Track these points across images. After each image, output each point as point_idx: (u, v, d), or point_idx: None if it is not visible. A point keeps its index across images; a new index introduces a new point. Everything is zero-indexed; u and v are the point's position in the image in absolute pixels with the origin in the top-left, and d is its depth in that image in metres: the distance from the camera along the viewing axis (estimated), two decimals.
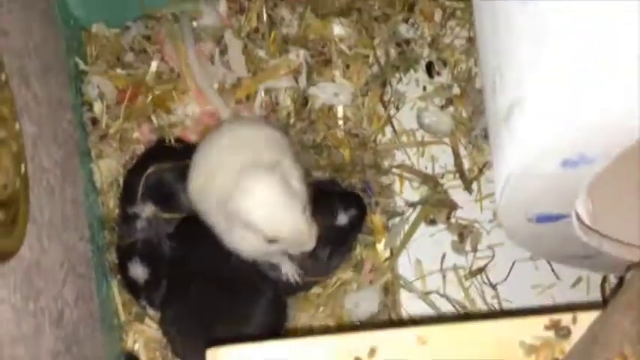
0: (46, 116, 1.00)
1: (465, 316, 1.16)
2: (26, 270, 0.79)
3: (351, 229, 1.15)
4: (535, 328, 0.77)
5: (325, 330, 1.15)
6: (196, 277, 1.09)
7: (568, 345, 0.76)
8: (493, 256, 1.19)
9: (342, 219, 1.13)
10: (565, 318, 0.77)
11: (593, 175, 0.66)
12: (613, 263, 0.92)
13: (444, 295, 1.17)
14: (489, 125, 0.70)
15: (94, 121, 1.22)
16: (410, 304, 1.18)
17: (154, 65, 1.26)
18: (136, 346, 1.15)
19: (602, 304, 1.15)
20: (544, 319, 0.77)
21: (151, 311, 1.15)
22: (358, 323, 1.17)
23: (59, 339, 0.85)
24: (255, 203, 0.93)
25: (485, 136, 1.22)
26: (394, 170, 1.25)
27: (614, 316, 0.71)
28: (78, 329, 0.94)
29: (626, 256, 0.89)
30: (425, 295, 1.18)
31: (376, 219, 1.22)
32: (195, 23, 1.30)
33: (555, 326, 0.77)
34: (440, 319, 1.15)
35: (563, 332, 0.76)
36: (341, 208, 1.13)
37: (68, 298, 0.92)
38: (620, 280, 1.05)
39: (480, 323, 0.78)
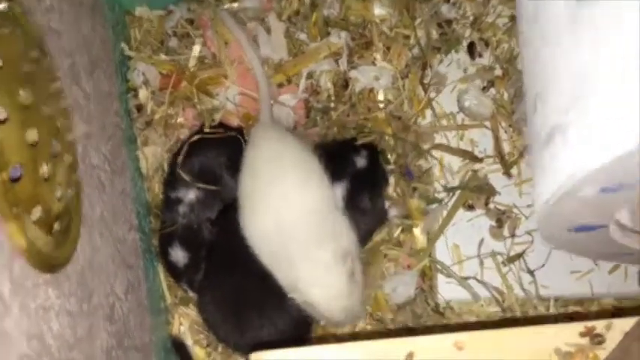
0: (95, 112, 1.03)
1: (502, 312, 1.17)
2: (80, 273, 0.83)
3: (373, 166, 1.18)
4: (570, 335, 0.79)
5: (364, 334, 1.18)
6: (234, 265, 1.12)
7: (602, 351, 0.77)
8: (532, 241, 1.20)
9: (360, 161, 1.17)
10: (599, 325, 0.79)
11: (633, 195, 0.67)
12: None
13: (481, 281, 1.18)
14: (530, 141, 0.71)
15: (139, 108, 1.25)
16: (447, 290, 1.19)
17: (196, 50, 1.28)
18: (182, 329, 1.20)
19: None
20: (579, 326, 0.79)
21: (192, 294, 1.19)
22: (396, 308, 1.19)
23: (111, 334, 0.90)
24: (321, 293, 1.01)
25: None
26: (434, 151, 1.26)
27: None
28: (128, 321, 0.98)
29: None
30: (462, 281, 1.19)
31: (414, 202, 1.23)
32: (235, 5, 1.31)
33: (590, 333, 0.78)
34: (477, 324, 1.16)
35: (598, 339, 0.78)
36: (354, 154, 1.18)
37: (118, 291, 0.96)
38: None
39: (516, 330, 0.80)
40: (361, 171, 1.17)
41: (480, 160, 1.24)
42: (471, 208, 1.22)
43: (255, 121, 1.24)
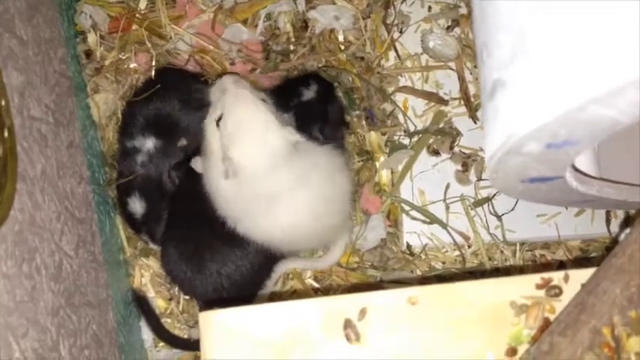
0: (34, 60, 0.98)
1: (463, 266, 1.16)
2: (18, 233, 0.79)
3: (323, 101, 1.14)
4: (526, 287, 0.76)
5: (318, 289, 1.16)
6: (196, 214, 1.09)
7: (559, 304, 0.75)
8: None
9: (308, 94, 1.14)
10: (557, 276, 0.77)
11: (581, 151, 0.63)
12: (614, 203, 0.90)
13: (446, 226, 1.16)
14: (481, 93, 0.67)
15: (88, 54, 1.20)
16: (413, 236, 1.17)
17: None
18: (143, 281, 1.17)
19: (607, 231, 1.16)
20: (535, 278, 0.77)
21: (153, 246, 1.16)
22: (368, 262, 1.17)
23: (58, 294, 0.87)
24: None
25: None
26: (398, 94, 1.21)
27: (603, 283, 0.70)
28: (79, 277, 0.95)
29: (628, 198, 0.87)
30: (428, 225, 1.17)
31: (374, 136, 1.20)
32: None
33: (546, 285, 0.76)
34: (435, 277, 1.15)
35: (554, 291, 0.75)
36: (302, 87, 1.14)
37: (66, 248, 0.93)
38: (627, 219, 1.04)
39: (470, 283, 0.77)
40: (309, 103, 1.13)
41: (446, 103, 1.20)
42: (436, 153, 1.19)
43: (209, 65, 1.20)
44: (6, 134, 0.78)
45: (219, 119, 0.99)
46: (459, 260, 1.17)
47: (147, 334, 1.17)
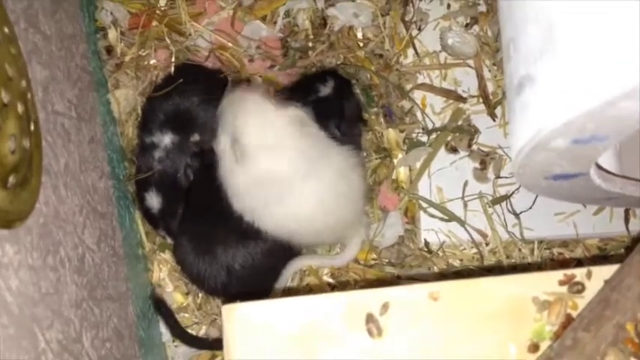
0: (57, 55, 0.98)
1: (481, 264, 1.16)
2: (43, 225, 0.80)
3: (340, 97, 1.15)
4: (548, 283, 0.77)
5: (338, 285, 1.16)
6: (210, 208, 1.09)
7: (581, 300, 0.75)
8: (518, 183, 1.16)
9: (325, 90, 1.14)
10: (579, 273, 0.77)
11: (608, 147, 0.63)
12: (637, 200, 0.90)
13: (464, 224, 1.16)
14: (506, 90, 0.67)
15: (109, 50, 1.20)
16: (430, 232, 1.17)
17: None
18: (161, 275, 1.18)
19: (626, 230, 1.16)
20: (558, 274, 0.77)
21: (170, 241, 1.16)
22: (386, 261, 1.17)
23: (81, 286, 0.87)
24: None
25: None
26: (416, 91, 1.22)
27: (627, 279, 0.70)
28: (101, 271, 0.96)
29: None
30: (445, 222, 1.17)
31: (392, 133, 1.20)
32: None
33: (569, 282, 0.76)
34: (455, 274, 1.15)
35: (577, 288, 0.76)
36: (319, 83, 1.15)
37: (89, 242, 0.94)
38: None
39: (493, 279, 0.78)
40: (325, 99, 1.13)
41: (465, 100, 1.20)
42: (454, 150, 1.19)
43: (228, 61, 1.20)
44: (32, 127, 0.79)
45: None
46: (476, 258, 1.17)
47: (165, 329, 1.18)
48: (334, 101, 1.14)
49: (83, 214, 0.94)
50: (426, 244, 1.17)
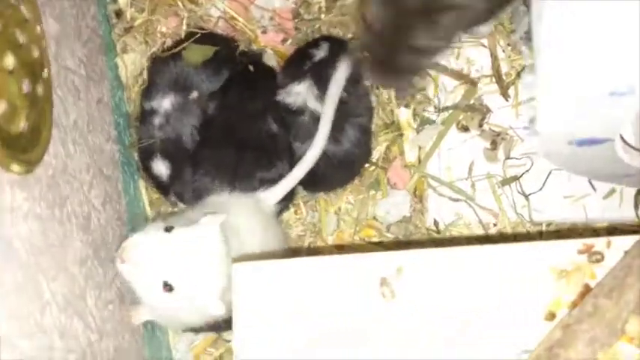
0: (69, 12, 0.97)
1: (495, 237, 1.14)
2: (51, 177, 0.78)
3: (336, 58, 1.11)
4: (568, 252, 0.75)
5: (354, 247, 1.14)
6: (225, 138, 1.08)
7: (600, 270, 0.74)
8: (532, 165, 1.15)
9: (319, 54, 1.12)
10: (599, 242, 0.75)
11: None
12: None
13: (472, 203, 1.15)
14: (535, 45, 0.66)
15: (119, 14, 1.18)
16: (439, 211, 1.16)
17: None
18: None
19: (636, 215, 1.15)
20: (577, 244, 0.75)
21: (182, 206, 1.14)
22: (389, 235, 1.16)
23: (86, 244, 0.86)
24: None
25: (528, 38, 1.16)
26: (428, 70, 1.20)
27: None
28: (106, 232, 0.94)
29: None
30: (454, 202, 1.16)
31: (401, 112, 1.18)
32: None
33: (589, 251, 0.75)
34: (470, 239, 1.13)
35: (596, 257, 0.74)
36: (312, 49, 1.13)
37: (95, 201, 0.92)
38: None
39: (511, 246, 0.76)
40: (321, 62, 1.11)
41: (475, 84, 1.19)
42: (465, 129, 1.17)
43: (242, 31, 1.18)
44: (45, 75, 0.77)
45: None
46: (484, 238, 1.16)
47: None
48: (331, 63, 1.11)
49: (90, 174, 0.92)
50: (435, 223, 1.15)
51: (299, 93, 1.09)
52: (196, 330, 1.05)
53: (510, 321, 0.73)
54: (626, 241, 0.74)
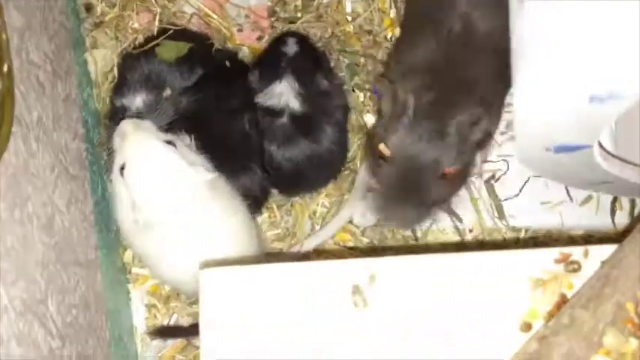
0: (35, 4, 0.94)
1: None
2: (11, 176, 0.75)
3: (308, 51, 1.11)
4: (544, 261, 0.74)
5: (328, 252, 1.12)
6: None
7: (577, 280, 0.72)
8: (507, 169, 1.13)
9: (290, 49, 1.10)
10: (576, 251, 0.74)
11: (620, 111, 0.61)
12: (631, 187, 0.88)
13: (450, 209, 1.13)
14: (513, 55, 0.64)
15: (89, 8, 1.15)
16: None
17: None
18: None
19: (612, 223, 1.14)
20: (554, 252, 0.74)
21: None
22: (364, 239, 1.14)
23: (49, 247, 0.82)
24: None
25: None
26: None
27: (628, 258, 0.67)
28: (70, 234, 0.91)
29: None
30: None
31: (370, 118, 1.16)
32: None
33: (565, 260, 0.73)
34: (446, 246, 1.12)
35: (573, 267, 0.73)
36: (281, 46, 1.10)
37: (59, 202, 0.89)
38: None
39: (487, 254, 0.74)
40: (296, 57, 1.09)
41: None
42: None
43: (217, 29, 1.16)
44: (5, 69, 0.74)
45: (123, 168, 0.92)
46: (459, 244, 1.14)
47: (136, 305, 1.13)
48: (306, 56, 1.10)
49: (55, 173, 0.89)
50: (413, 231, 1.13)
51: (281, 93, 1.07)
52: None
53: (485, 331, 0.72)
54: (604, 251, 0.72)
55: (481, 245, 1.12)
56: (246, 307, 0.73)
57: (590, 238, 1.15)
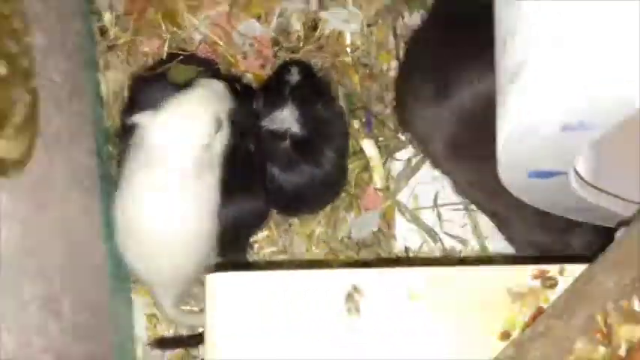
0: (55, 27, 1.00)
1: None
2: (34, 183, 0.81)
3: (312, 80, 1.17)
4: (522, 277, 0.79)
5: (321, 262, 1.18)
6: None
7: (553, 295, 0.78)
8: None
9: (293, 78, 1.15)
10: (552, 269, 0.80)
11: (592, 139, 0.67)
12: (610, 216, 0.93)
13: (435, 236, 1.19)
14: (497, 85, 0.71)
15: (103, 31, 1.22)
16: (406, 238, 1.20)
17: None
18: None
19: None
20: (531, 269, 0.80)
21: None
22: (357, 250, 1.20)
23: (65, 252, 0.88)
24: None
25: None
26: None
27: (599, 276, 0.73)
28: (82, 242, 0.96)
29: (623, 212, 0.90)
30: (420, 226, 1.20)
31: (365, 144, 1.23)
32: None
33: (542, 276, 0.79)
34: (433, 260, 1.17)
35: (550, 282, 0.79)
36: (286, 75, 1.15)
37: (73, 211, 0.94)
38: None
39: (469, 269, 0.80)
40: (300, 85, 1.15)
41: None
42: None
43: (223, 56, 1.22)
44: (33, 84, 0.80)
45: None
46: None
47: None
48: (309, 84, 1.16)
49: (70, 184, 0.96)
50: (406, 249, 1.19)
51: (284, 119, 1.13)
52: None
53: (466, 340, 0.77)
54: (579, 268, 0.78)
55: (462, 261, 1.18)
56: (247, 312, 0.78)
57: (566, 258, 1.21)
